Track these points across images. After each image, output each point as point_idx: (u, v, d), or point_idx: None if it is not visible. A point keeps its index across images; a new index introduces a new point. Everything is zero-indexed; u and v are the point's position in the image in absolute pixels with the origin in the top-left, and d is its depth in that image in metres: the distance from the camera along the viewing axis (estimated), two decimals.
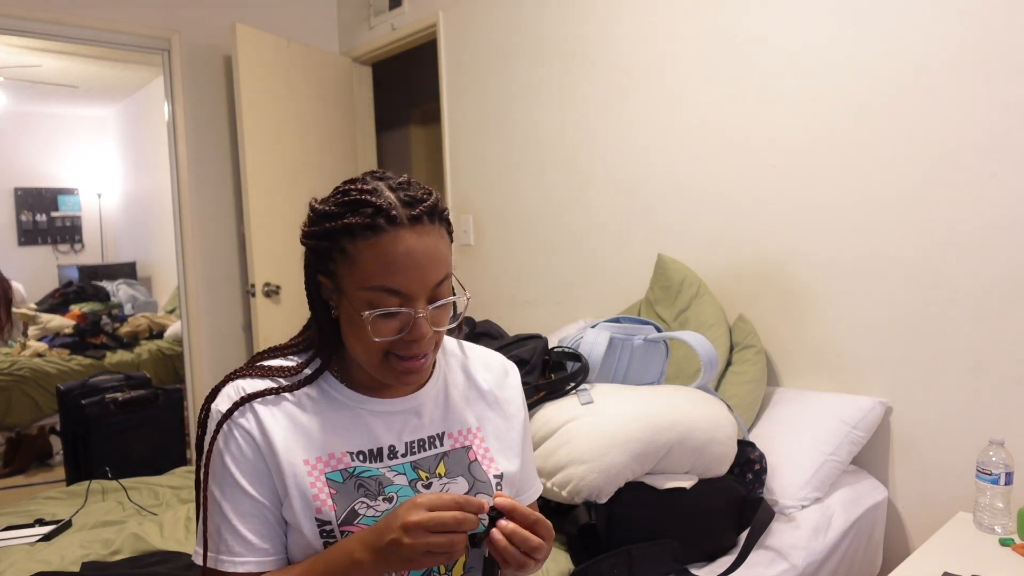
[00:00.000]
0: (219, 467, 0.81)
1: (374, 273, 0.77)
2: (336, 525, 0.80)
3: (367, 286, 0.78)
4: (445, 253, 0.81)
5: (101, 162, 6.41)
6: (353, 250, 0.78)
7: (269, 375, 0.86)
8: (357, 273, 0.78)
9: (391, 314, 0.79)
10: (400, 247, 0.77)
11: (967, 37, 1.61)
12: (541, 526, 0.80)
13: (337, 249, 0.79)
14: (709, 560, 1.45)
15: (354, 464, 0.84)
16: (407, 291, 0.78)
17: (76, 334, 4.54)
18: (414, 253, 0.78)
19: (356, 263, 0.78)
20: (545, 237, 2.73)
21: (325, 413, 0.85)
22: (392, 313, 0.79)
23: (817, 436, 1.74)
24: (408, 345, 0.80)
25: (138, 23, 3.14)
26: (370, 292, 0.78)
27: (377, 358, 0.81)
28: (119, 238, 6.50)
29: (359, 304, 0.79)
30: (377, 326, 0.79)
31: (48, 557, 1.52)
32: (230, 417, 0.82)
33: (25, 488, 3.56)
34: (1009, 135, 1.57)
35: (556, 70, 2.61)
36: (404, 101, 4.61)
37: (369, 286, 0.78)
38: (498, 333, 2.01)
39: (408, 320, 0.79)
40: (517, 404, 0.99)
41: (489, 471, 0.91)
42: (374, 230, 0.77)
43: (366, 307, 0.78)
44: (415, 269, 0.78)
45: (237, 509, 0.81)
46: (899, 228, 1.76)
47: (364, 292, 0.78)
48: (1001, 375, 1.62)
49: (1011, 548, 1.37)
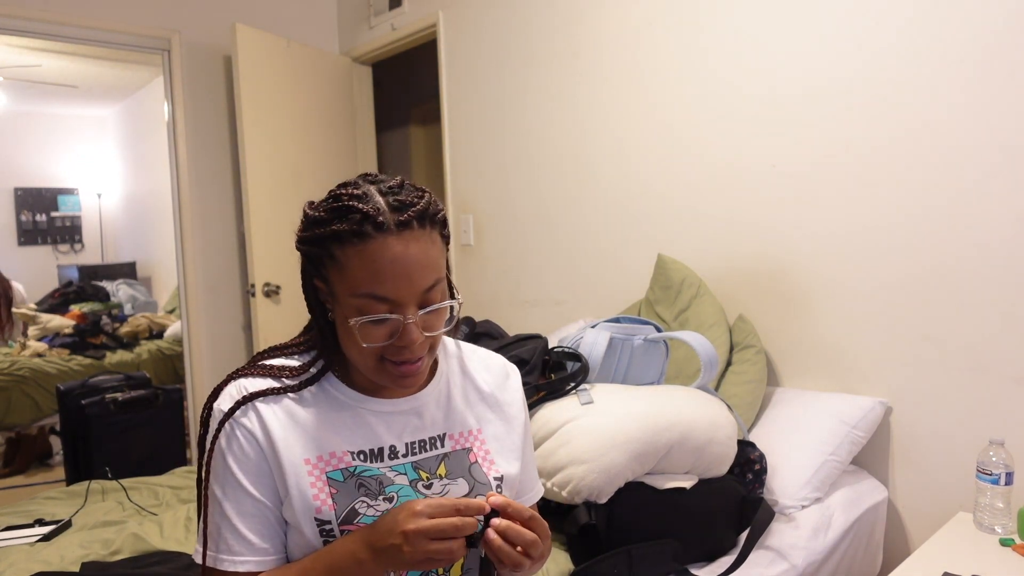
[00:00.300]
0: (221, 466, 0.81)
1: (362, 280, 0.77)
2: (336, 524, 0.81)
3: (356, 293, 0.78)
4: (436, 258, 0.81)
5: (101, 162, 6.41)
6: (342, 257, 0.78)
7: (271, 374, 0.86)
8: (346, 280, 0.78)
9: (380, 321, 0.79)
10: (387, 254, 0.76)
11: (968, 36, 1.61)
12: (536, 523, 0.80)
13: (327, 255, 0.79)
14: (709, 560, 1.45)
15: (355, 463, 0.84)
16: (395, 298, 0.78)
17: (76, 334, 4.54)
18: (401, 260, 0.77)
19: (345, 270, 0.78)
20: (545, 237, 2.73)
21: (326, 412, 0.85)
22: (381, 320, 0.79)
23: (817, 436, 1.74)
24: (399, 351, 0.80)
25: (138, 23, 3.14)
26: (359, 299, 0.78)
27: (371, 362, 0.82)
28: (119, 238, 6.50)
29: (349, 311, 0.79)
30: (366, 332, 0.79)
31: (48, 557, 1.52)
32: (232, 416, 0.82)
33: (25, 488, 3.56)
34: (1010, 135, 1.57)
35: (556, 70, 2.61)
36: (404, 101, 4.61)
37: (358, 293, 0.78)
38: (498, 333, 2.01)
39: (397, 326, 0.79)
40: (518, 406, 0.99)
41: (489, 473, 0.91)
42: (361, 237, 0.76)
43: (355, 313, 0.79)
44: (403, 276, 0.77)
45: (238, 508, 0.81)
46: (899, 228, 1.76)
47: (354, 299, 0.78)
48: (1001, 375, 1.62)
49: (1011, 548, 1.36)
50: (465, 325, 2.00)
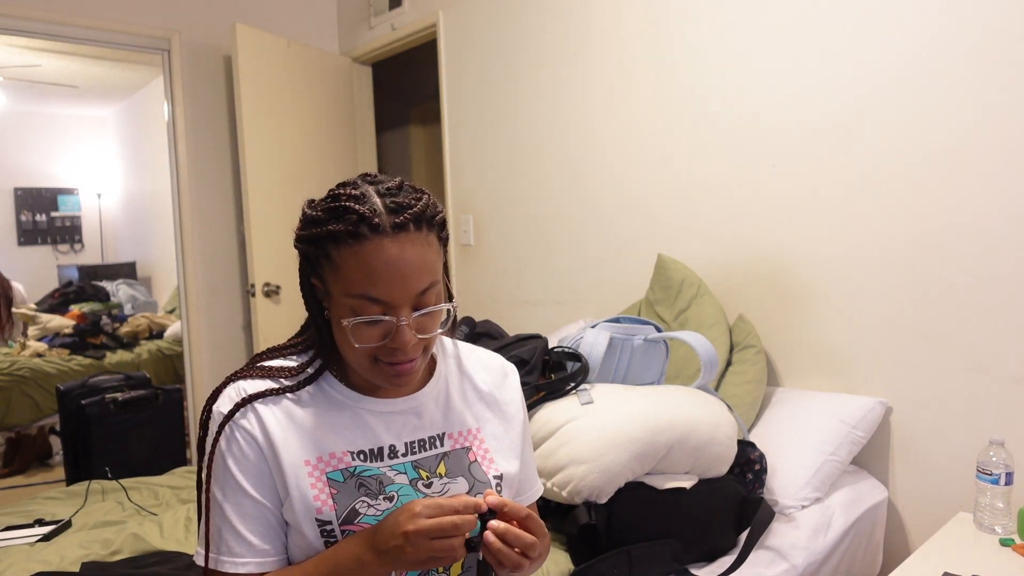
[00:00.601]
0: (221, 468, 0.81)
1: (356, 281, 0.78)
2: (337, 524, 0.81)
3: (350, 293, 0.78)
4: (432, 261, 0.81)
5: (101, 162, 6.41)
6: (337, 257, 0.78)
7: (270, 375, 0.86)
8: (341, 280, 0.79)
9: (373, 322, 0.79)
10: (382, 256, 0.77)
11: (967, 37, 1.61)
12: (532, 522, 0.81)
13: (323, 255, 0.80)
14: (709, 560, 1.45)
15: (355, 464, 0.84)
16: (389, 300, 0.78)
17: (76, 334, 4.54)
18: (396, 263, 0.77)
19: (340, 270, 0.78)
20: (545, 237, 2.73)
21: (325, 413, 0.85)
22: (374, 321, 0.79)
23: (817, 436, 1.74)
24: (392, 352, 0.81)
25: (138, 23, 3.14)
26: (353, 300, 0.78)
27: (365, 362, 0.82)
28: (119, 238, 6.50)
29: (343, 311, 0.80)
30: (359, 333, 0.79)
31: (48, 557, 1.52)
32: (232, 418, 0.82)
33: (25, 488, 3.56)
34: (1009, 134, 1.57)
35: (556, 70, 2.61)
36: (404, 101, 4.61)
37: (352, 294, 0.78)
38: (498, 333, 2.01)
39: (391, 328, 0.79)
40: (516, 405, 0.99)
41: (489, 472, 0.91)
42: (356, 238, 0.77)
43: (349, 314, 0.79)
44: (397, 279, 0.77)
45: (239, 510, 0.81)
46: (899, 228, 1.76)
47: (348, 299, 0.79)
48: (1001, 375, 1.62)
49: (1011, 548, 1.36)
50: (465, 325, 2.00)
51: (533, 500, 1.03)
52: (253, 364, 0.88)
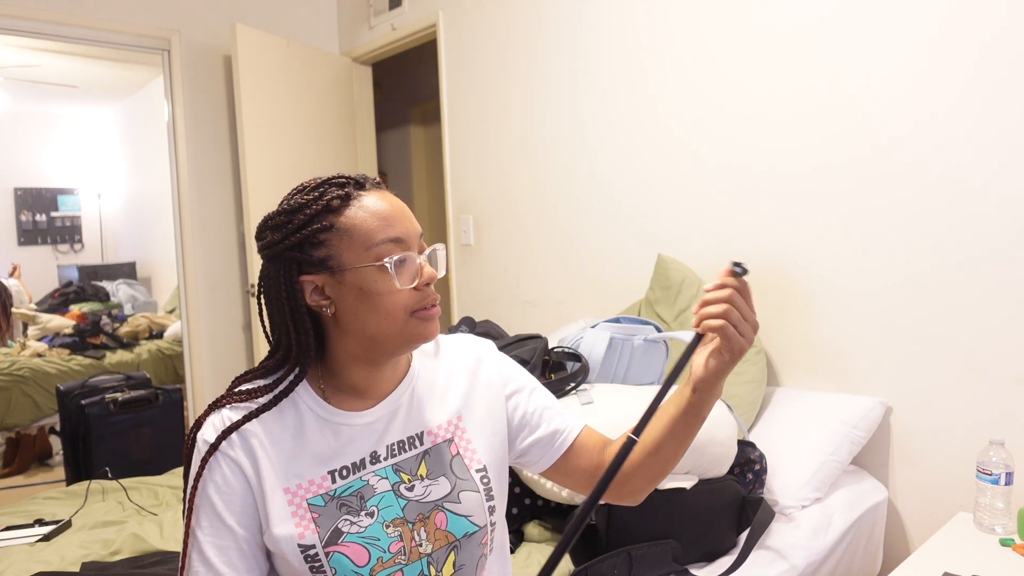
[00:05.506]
0: (200, 497, 0.81)
1: (374, 228, 0.81)
2: (321, 548, 0.81)
3: (373, 243, 0.81)
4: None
5: (101, 162, 6.41)
6: (343, 220, 0.81)
7: (251, 397, 0.85)
8: (356, 237, 0.81)
9: (403, 260, 0.82)
10: (383, 201, 0.84)
11: (967, 35, 1.61)
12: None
13: (322, 230, 0.81)
14: (709, 560, 1.45)
15: (335, 486, 0.84)
16: (406, 237, 0.83)
17: (76, 334, 4.54)
18: (396, 203, 0.85)
19: (352, 229, 0.81)
20: (545, 237, 2.73)
21: (305, 434, 0.85)
22: (404, 259, 0.82)
23: (817, 436, 1.74)
24: (424, 294, 0.83)
25: (138, 23, 3.14)
26: (378, 247, 0.81)
27: (399, 322, 0.82)
28: (119, 238, 6.49)
29: (367, 270, 0.81)
30: (401, 271, 0.81)
31: (48, 557, 1.52)
32: (217, 448, 0.81)
33: (25, 488, 3.56)
34: (1010, 134, 1.57)
35: (556, 70, 2.61)
36: (404, 101, 4.61)
37: (375, 242, 0.81)
38: (498, 333, 2.01)
39: (415, 267, 0.83)
40: (497, 379, 0.97)
41: (471, 466, 0.90)
42: (351, 197, 0.82)
43: (377, 266, 0.81)
44: (404, 217, 0.84)
45: (216, 542, 0.80)
46: (899, 228, 1.76)
47: (372, 250, 0.81)
48: (1001, 375, 1.62)
49: (1011, 548, 1.36)
50: (465, 325, 2.00)
51: (578, 431, 0.97)
52: (232, 391, 0.87)
